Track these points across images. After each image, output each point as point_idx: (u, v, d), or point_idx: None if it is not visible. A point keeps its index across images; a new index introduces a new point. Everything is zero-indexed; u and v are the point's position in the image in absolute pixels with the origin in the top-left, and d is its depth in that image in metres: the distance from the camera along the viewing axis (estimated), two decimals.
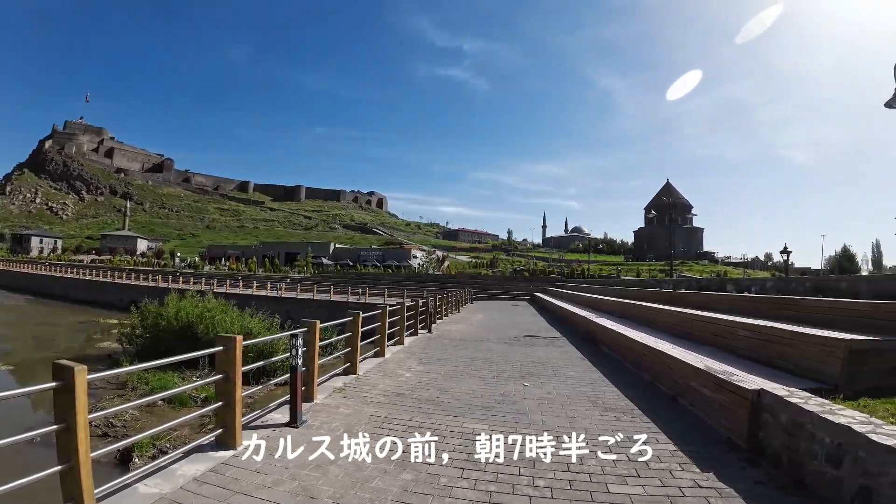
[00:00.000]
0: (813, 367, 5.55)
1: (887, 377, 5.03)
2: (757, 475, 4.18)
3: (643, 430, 5.29)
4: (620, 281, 39.82)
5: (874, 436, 3.41)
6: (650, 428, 5.45)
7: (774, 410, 4.52)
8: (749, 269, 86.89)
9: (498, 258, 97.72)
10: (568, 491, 3.83)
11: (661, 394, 7.07)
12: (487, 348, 11.69)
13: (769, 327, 6.64)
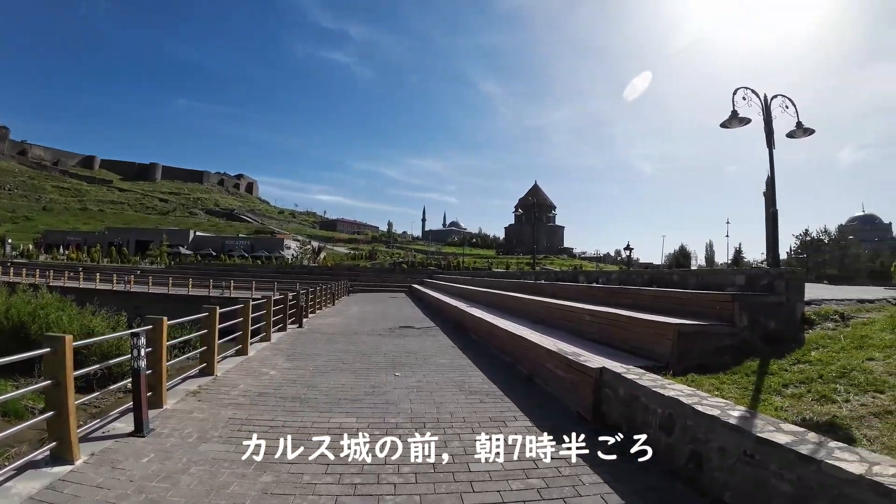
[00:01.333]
0: (648, 347, 6.31)
1: (711, 356, 5.84)
2: (604, 444, 4.62)
3: (503, 410, 5.74)
4: (491, 273, 41.81)
5: (700, 407, 3.90)
6: (510, 407, 5.87)
7: (614, 386, 5.05)
8: (602, 263, 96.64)
9: (377, 250, 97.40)
10: (432, 473, 3.95)
11: (521, 375, 7.58)
12: (361, 341, 11.58)
13: (611, 313, 7.45)
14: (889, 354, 5.07)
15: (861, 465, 2.73)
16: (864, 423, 3.75)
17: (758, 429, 3.38)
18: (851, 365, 4.90)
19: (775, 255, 9.07)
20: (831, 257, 63.73)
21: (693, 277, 8.84)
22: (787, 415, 4.01)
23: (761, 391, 4.63)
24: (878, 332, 5.89)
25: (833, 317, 6.87)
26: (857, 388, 4.37)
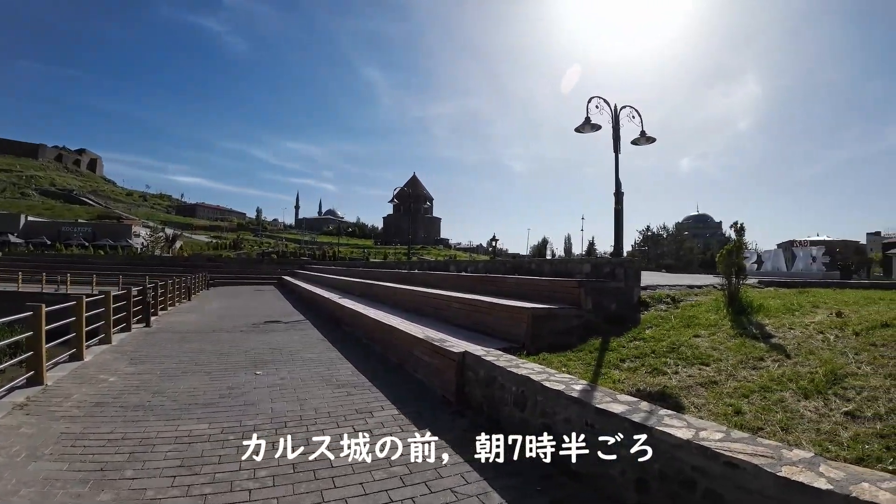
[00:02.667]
0: (507, 330, 6.71)
1: (561, 336, 6.35)
2: (464, 424, 4.84)
3: (370, 400, 5.72)
4: (368, 263, 41.44)
5: (548, 383, 4.20)
6: (377, 397, 5.85)
7: (475, 368, 5.30)
8: (475, 253, 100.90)
9: (244, 239, 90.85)
10: (291, 475, 3.78)
11: (391, 364, 7.60)
12: (219, 339, 10.75)
13: (476, 300, 7.81)
14: (713, 332, 5.87)
15: (689, 431, 3.07)
16: (692, 392, 4.27)
17: (597, 400, 3.72)
18: (680, 341, 5.60)
19: (618, 247, 10.10)
20: (669, 250, 73.05)
21: (548, 266, 9.56)
22: (623, 386, 4.47)
23: (602, 366, 5.13)
24: (703, 313, 6.80)
25: (666, 300, 7.84)
26: (685, 361, 5.00)
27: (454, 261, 19.29)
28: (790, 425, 3.46)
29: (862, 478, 2.41)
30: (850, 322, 5.64)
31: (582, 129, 10.28)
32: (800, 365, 4.51)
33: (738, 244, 7.24)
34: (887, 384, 3.86)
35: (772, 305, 6.95)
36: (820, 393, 3.88)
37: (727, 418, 3.64)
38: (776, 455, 2.70)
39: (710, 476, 2.80)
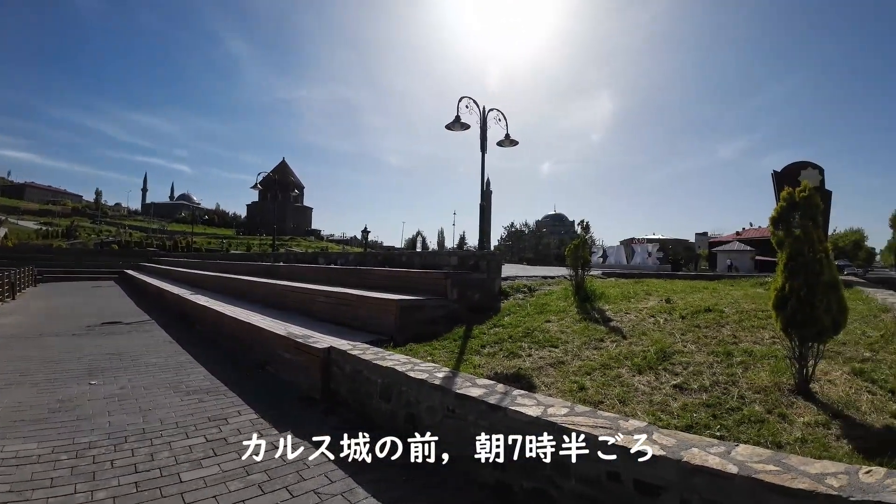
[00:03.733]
0: (375, 323, 6.67)
1: (428, 326, 6.45)
2: (333, 422, 4.66)
3: (226, 406, 5.25)
4: (228, 255, 38.55)
5: (412, 373, 4.23)
6: (234, 402, 5.41)
7: (341, 363, 5.18)
8: (348, 245, 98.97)
9: (79, 226, 78.66)
10: (134, 494, 3.35)
11: (251, 365, 7.11)
12: (48, 344, 9.27)
13: (343, 293, 7.64)
14: (562, 317, 6.38)
15: (538, 408, 3.28)
16: (543, 372, 4.59)
17: (457, 386, 3.83)
18: (534, 326, 6.00)
19: (482, 241, 10.57)
20: (530, 244, 78.73)
21: (419, 258, 9.70)
22: (483, 371, 4.67)
23: (465, 353, 5.33)
24: (554, 301, 7.39)
25: (523, 289, 8.38)
26: (538, 344, 5.37)
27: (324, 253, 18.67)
28: (627, 398, 3.86)
29: (692, 444, 2.72)
30: (678, 307, 6.49)
31: (452, 126, 10.53)
32: (634, 344, 5.08)
33: (583, 240, 8.02)
34: (710, 360, 4.49)
35: (612, 293, 7.77)
36: (652, 369, 4.40)
37: (573, 394, 3.97)
38: (614, 425, 2.98)
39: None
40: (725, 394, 3.79)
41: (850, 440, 3.02)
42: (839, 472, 2.37)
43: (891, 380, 3.84)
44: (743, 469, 2.42)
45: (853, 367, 4.11)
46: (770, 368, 4.14)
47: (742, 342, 4.92)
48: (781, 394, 3.70)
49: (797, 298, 3.57)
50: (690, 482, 2.51)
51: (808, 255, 3.58)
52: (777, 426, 3.26)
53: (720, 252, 43.76)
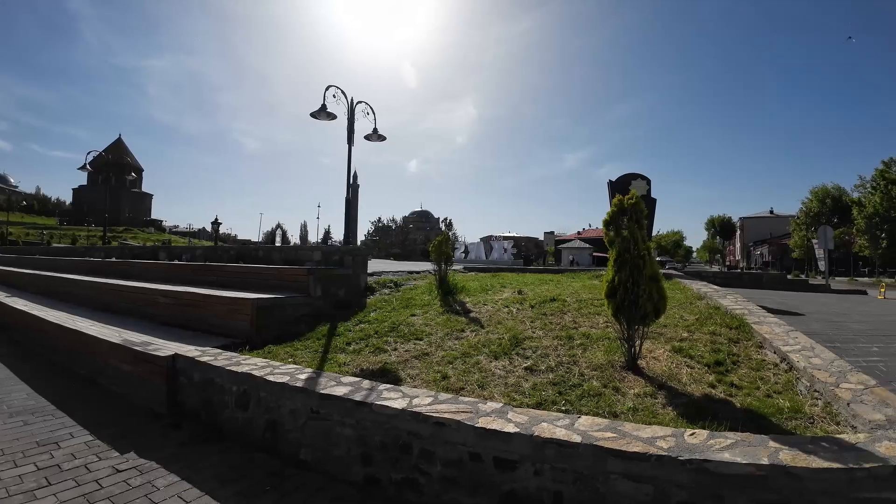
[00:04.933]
0: (228, 325, 6.18)
1: (289, 325, 6.16)
2: (181, 437, 4.25)
3: (56, 428, 4.49)
4: (50, 249, 33.00)
5: (271, 377, 4.01)
6: (65, 423, 4.64)
7: (188, 372, 4.72)
8: (196, 238, 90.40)
9: None
10: None
11: (82, 380, 6.18)
12: None
13: (189, 292, 6.95)
14: (426, 311, 6.52)
15: (404, 400, 3.34)
16: (409, 365, 4.65)
17: (321, 386, 3.74)
18: (400, 321, 6.06)
19: (347, 235, 10.42)
20: (397, 240, 79.30)
21: (278, 253, 9.20)
22: (348, 368, 4.61)
23: (329, 351, 5.20)
24: (420, 295, 7.53)
25: (389, 284, 8.42)
26: (403, 338, 5.43)
27: (166, 247, 16.80)
28: (485, 383, 4.09)
29: (542, 419, 3.00)
30: (528, 298, 7.01)
31: (317, 115, 10.23)
32: (491, 333, 5.39)
33: (446, 236, 8.35)
34: (555, 344, 4.92)
35: (472, 287, 8.17)
36: (506, 354, 4.71)
37: (436, 384, 4.10)
38: (474, 409, 3.16)
39: (423, 437, 3.11)
40: (568, 372, 4.20)
41: (675, 407, 3.53)
42: (667, 436, 2.76)
43: (706, 355, 4.55)
44: (585, 438, 2.71)
45: (674, 346, 4.80)
46: (605, 349, 4.67)
47: (581, 327, 5.48)
48: (615, 370, 4.20)
49: (624, 289, 4.08)
50: (542, 453, 2.75)
51: (633, 252, 4.09)
52: (612, 398, 3.69)
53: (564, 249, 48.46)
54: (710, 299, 7.04)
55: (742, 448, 2.59)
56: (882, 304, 15.51)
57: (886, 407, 3.21)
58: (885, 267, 53.23)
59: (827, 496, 2.39)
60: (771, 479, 2.43)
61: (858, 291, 22.81)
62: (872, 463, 2.42)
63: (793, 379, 4.05)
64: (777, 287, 18.35)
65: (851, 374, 3.85)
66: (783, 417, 3.36)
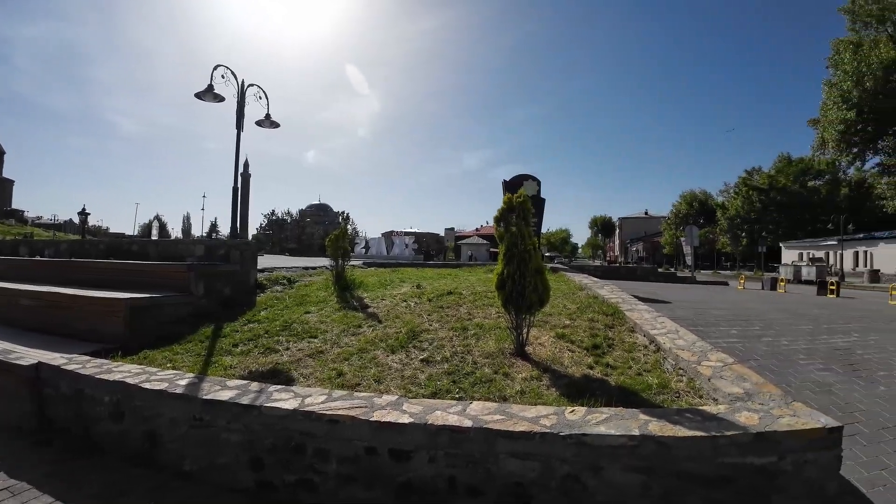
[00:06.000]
0: (97, 328, 5.56)
1: (169, 327, 5.68)
2: (53, 455, 3.81)
3: None
4: None
5: (147, 384, 3.68)
6: None
7: (54, 382, 4.20)
8: (60, 231, 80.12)
9: None
10: None
11: None
12: None
13: (54, 293, 6.16)
14: (322, 308, 6.34)
15: (295, 400, 3.24)
16: (302, 364, 4.50)
17: (204, 391, 3.51)
18: (293, 319, 5.84)
19: (235, 228, 9.82)
20: (293, 234, 75.92)
21: (155, 248, 8.40)
22: (235, 371, 4.36)
23: (213, 354, 4.87)
24: (315, 291, 7.30)
25: (282, 281, 8.08)
26: (297, 336, 5.24)
27: (28, 240, 14.68)
28: (382, 377, 4.09)
29: (436, 408, 3.07)
30: (426, 292, 7.10)
31: (203, 96, 9.51)
32: (389, 327, 5.40)
33: (344, 231, 8.18)
34: (450, 335, 5.04)
35: (371, 282, 8.11)
36: (403, 347, 4.74)
37: (331, 381, 4.02)
38: (369, 404, 3.15)
39: (317, 436, 3.05)
40: (462, 362, 4.34)
41: (558, 388, 3.77)
42: (550, 414, 2.95)
43: (585, 340, 4.92)
44: (476, 422, 2.82)
45: (558, 332, 5.12)
46: (496, 337, 4.88)
47: (475, 318, 5.67)
48: (505, 357, 4.41)
49: (512, 281, 4.30)
50: (436, 441, 2.81)
51: (520, 247, 4.33)
52: (502, 383, 3.87)
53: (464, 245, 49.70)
54: (590, 290, 7.62)
55: (616, 421, 2.84)
56: (741, 293, 17.75)
57: (744, 381, 3.67)
58: (745, 262, 60.94)
59: (692, 461, 2.69)
60: (642, 448, 2.68)
61: (721, 283, 25.89)
62: (733, 431, 2.76)
63: (660, 358, 4.50)
64: (649, 279, 20.31)
65: (712, 353, 4.36)
66: (652, 392, 3.72)
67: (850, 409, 4.62)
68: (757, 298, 14.82)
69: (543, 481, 2.70)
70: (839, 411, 4.49)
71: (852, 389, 5.16)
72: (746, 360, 5.70)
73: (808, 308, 11.38)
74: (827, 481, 2.80)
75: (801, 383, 5.27)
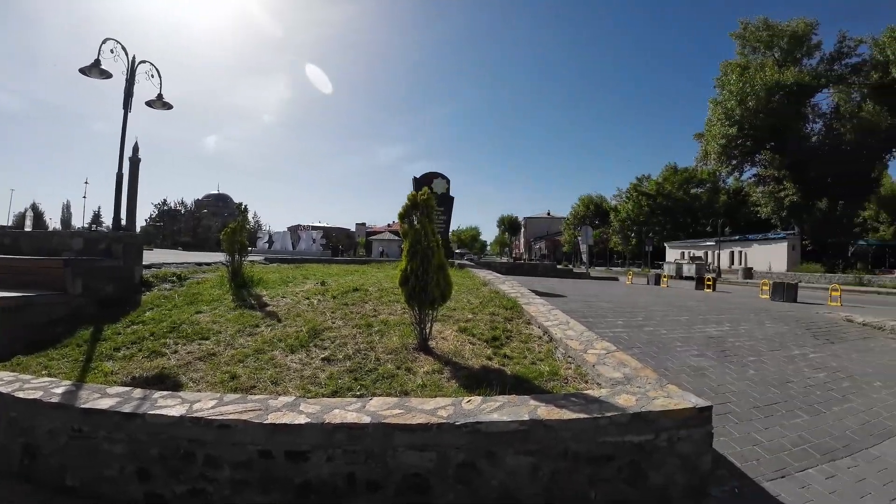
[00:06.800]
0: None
1: (43, 330, 5.14)
2: None
3: None
4: None
5: (21, 393, 3.39)
6: None
7: None
8: None
9: None
10: None
11: None
12: None
13: None
14: (215, 307, 6.01)
15: (183, 407, 3.08)
16: (192, 368, 4.25)
17: (82, 400, 3.26)
18: (182, 319, 5.48)
19: (118, 219, 9.02)
20: (187, 227, 70.51)
21: (27, 241, 7.48)
22: (117, 378, 4.03)
23: (92, 359, 4.46)
24: (208, 289, 6.88)
25: (172, 278, 7.54)
26: (186, 338, 4.93)
27: None
28: (279, 378, 3.97)
29: (334, 406, 3.06)
30: (331, 289, 6.98)
31: (89, 71, 8.67)
32: (289, 326, 5.24)
33: (241, 224, 7.74)
34: (354, 332, 5.00)
35: (271, 279, 7.81)
36: (304, 347, 4.63)
37: (223, 385, 3.84)
38: (264, 406, 3.07)
39: (207, 443, 2.92)
40: (365, 359, 4.34)
41: (458, 379, 3.90)
42: (447, 405, 3.05)
43: (485, 332, 5.11)
44: (375, 417, 2.85)
45: (460, 326, 5.27)
46: (400, 333, 4.92)
47: (381, 314, 5.67)
48: (408, 352, 4.47)
49: (416, 277, 4.36)
50: (333, 439, 2.80)
51: (423, 243, 4.39)
52: (405, 378, 3.93)
53: (375, 240, 49.22)
54: (493, 285, 7.91)
55: (508, 408, 3.00)
56: (629, 288, 19.23)
57: (624, 367, 4.01)
58: (634, 259, 66.12)
59: (577, 441, 2.91)
60: (531, 432, 2.86)
61: (612, 278, 27.89)
62: (613, 412, 3.01)
63: (552, 348, 4.79)
64: (549, 275, 21.38)
65: (597, 342, 4.71)
66: (544, 380, 3.96)
67: (722, 390, 5.17)
68: (642, 292, 16.11)
69: (440, 470, 2.79)
70: (713, 392, 5.02)
71: (724, 373, 5.78)
72: (630, 348, 6.21)
73: (686, 301, 12.54)
74: (700, 456, 3.15)
75: (679, 368, 5.81)
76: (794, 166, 39.01)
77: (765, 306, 12.62)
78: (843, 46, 38.63)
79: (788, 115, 37.30)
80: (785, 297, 16.11)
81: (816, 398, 5.17)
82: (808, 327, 8.84)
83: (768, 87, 36.56)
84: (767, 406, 4.84)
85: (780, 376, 5.80)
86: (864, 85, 37.36)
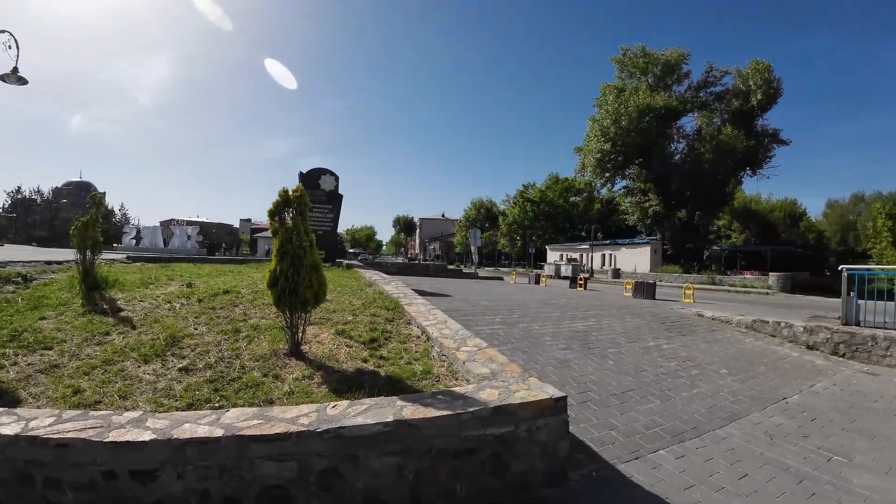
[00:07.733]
0: None
1: None
2: None
3: None
4: None
5: None
6: None
7: None
8: None
9: None
10: None
11: None
12: None
13: None
14: (62, 312, 5.34)
15: (18, 424, 2.76)
16: (32, 381, 3.76)
17: None
18: (24, 326, 4.83)
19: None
20: (42, 219, 61.33)
21: None
22: None
23: None
24: (56, 292, 6.11)
25: (16, 279, 6.63)
26: (27, 348, 4.34)
27: None
28: (129, 391, 3.63)
29: (185, 420, 2.84)
30: (198, 291, 6.50)
31: None
32: (144, 334, 4.80)
33: (94, 217, 6.91)
34: (218, 339, 4.69)
35: (129, 280, 7.10)
36: (159, 356, 4.27)
37: (66, 400, 3.45)
38: (106, 423, 2.79)
39: (45, 464, 2.65)
40: (229, 367, 4.10)
41: (329, 384, 3.81)
42: (311, 412, 2.97)
43: (364, 334, 5.05)
44: (229, 430, 2.70)
45: (338, 329, 5.17)
46: (270, 338, 4.72)
47: (251, 319, 5.40)
48: (278, 358, 4.29)
49: (286, 278, 4.18)
50: (183, 455, 2.62)
51: (295, 242, 4.22)
52: (271, 386, 3.76)
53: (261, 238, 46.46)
54: (378, 286, 7.87)
55: (374, 410, 3.00)
56: (511, 287, 20.13)
57: (492, 363, 4.17)
58: (520, 260, 69.67)
59: (442, 438, 2.98)
60: (395, 433, 2.88)
61: (497, 278, 29.04)
62: (476, 407, 3.12)
63: (429, 347, 4.88)
64: (440, 275, 21.75)
65: (470, 340, 4.86)
66: (416, 379, 4.02)
67: (584, 380, 5.57)
68: (522, 291, 16.98)
69: (302, 479, 2.71)
70: (575, 382, 5.39)
71: (587, 364, 6.24)
72: (505, 343, 6.51)
73: (560, 299, 13.41)
74: (558, 443, 3.37)
75: (547, 361, 6.19)
76: (658, 180, 43.28)
77: (627, 303, 13.83)
78: (709, 76, 43.63)
79: (656, 135, 41.40)
80: (645, 294, 17.82)
81: (668, 385, 5.72)
82: (663, 322, 9.82)
83: (640, 109, 40.34)
84: (623, 393, 5.28)
85: (635, 366, 6.38)
86: (725, 111, 42.46)
